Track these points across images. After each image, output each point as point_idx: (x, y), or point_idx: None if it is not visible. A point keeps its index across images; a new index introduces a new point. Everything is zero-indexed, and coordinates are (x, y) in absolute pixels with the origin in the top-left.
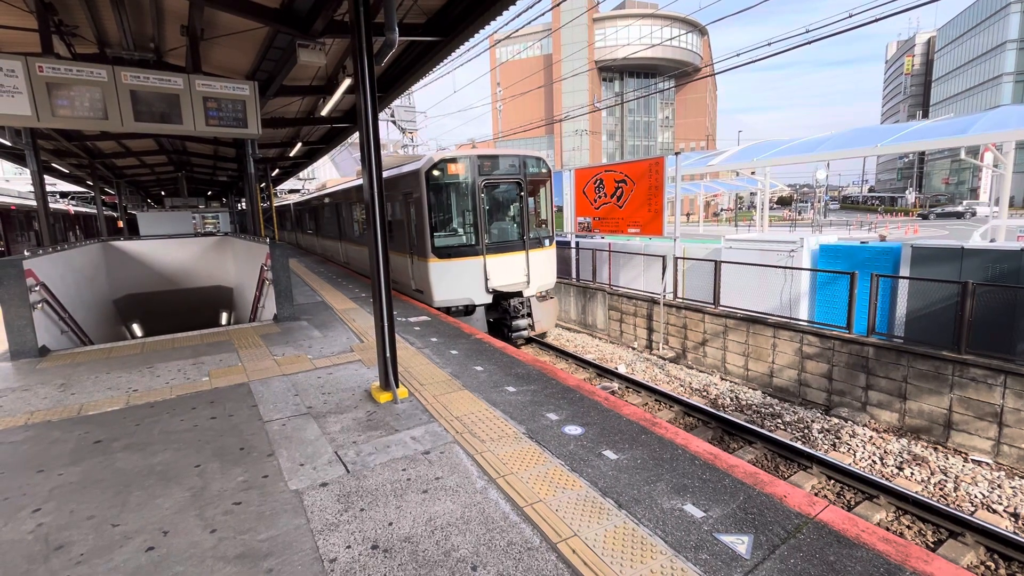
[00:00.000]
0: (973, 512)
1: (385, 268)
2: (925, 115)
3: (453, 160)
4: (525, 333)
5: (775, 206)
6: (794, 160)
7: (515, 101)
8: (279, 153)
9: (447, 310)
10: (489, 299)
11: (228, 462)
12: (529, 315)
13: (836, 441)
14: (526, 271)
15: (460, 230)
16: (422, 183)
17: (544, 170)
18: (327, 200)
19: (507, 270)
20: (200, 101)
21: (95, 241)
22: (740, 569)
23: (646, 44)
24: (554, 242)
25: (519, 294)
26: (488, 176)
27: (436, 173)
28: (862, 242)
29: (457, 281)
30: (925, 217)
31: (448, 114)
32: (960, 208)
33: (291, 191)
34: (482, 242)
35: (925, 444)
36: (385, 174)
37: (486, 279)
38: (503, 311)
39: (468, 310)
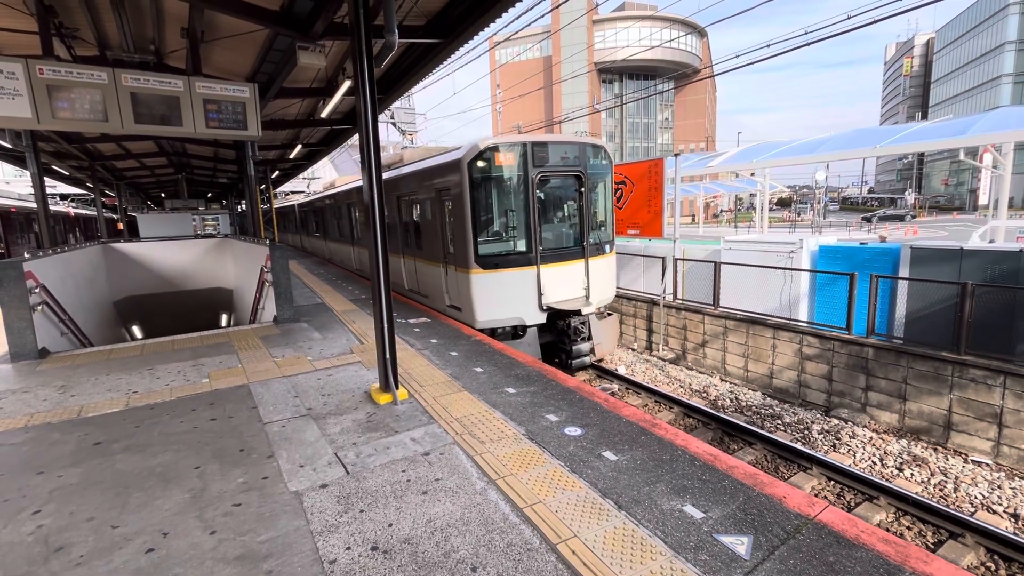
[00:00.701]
0: (973, 513)
1: (385, 269)
2: (924, 116)
3: (503, 148)
4: (588, 359)
5: (775, 207)
6: (793, 161)
7: (515, 103)
8: (279, 155)
9: (491, 332)
10: (543, 318)
11: (228, 463)
12: (589, 337)
13: (836, 442)
14: (586, 283)
15: (509, 234)
16: (464, 176)
17: (605, 161)
18: (337, 200)
19: (564, 283)
20: (200, 103)
21: (95, 243)
22: (740, 570)
23: (645, 46)
24: (614, 248)
25: (577, 312)
26: (543, 168)
27: (481, 164)
28: (861, 243)
29: (505, 297)
30: (868, 220)
31: (448, 116)
32: (902, 212)
33: (291, 192)
34: (536, 249)
35: (925, 445)
36: (414, 167)
37: (540, 294)
38: (558, 333)
39: (516, 332)
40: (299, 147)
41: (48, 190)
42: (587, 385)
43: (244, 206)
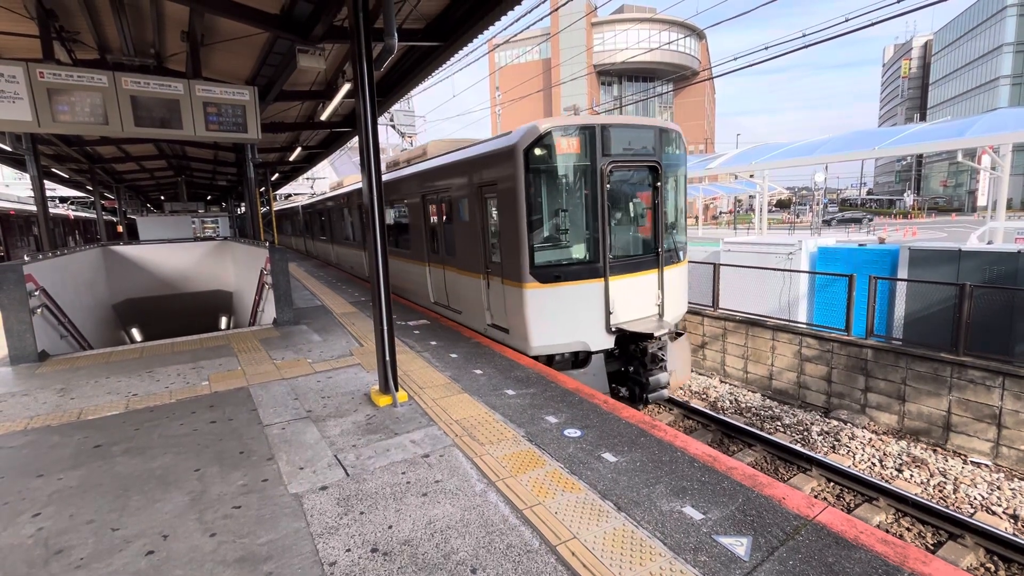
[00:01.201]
0: (973, 514)
1: (384, 272)
2: (923, 118)
3: (568, 131)
4: (666, 392)
5: (774, 209)
6: (792, 163)
7: (514, 105)
8: (279, 157)
9: (548, 359)
10: (610, 342)
11: (228, 466)
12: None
13: (836, 443)
14: (660, 298)
15: (572, 239)
16: (518, 168)
17: (679, 150)
18: (346, 201)
19: (635, 298)
20: (200, 106)
21: (95, 246)
22: (739, 571)
23: (644, 48)
24: (687, 255)
25: (648, 335)
26: (615, 157)
27: (539, 152)
28: (860, 244)
29: (566, 316)
30: (828, 223)
31: (447, 118)
32: (858, 215)
33: (292, 195)
34: (604, 257)
35: (924, 446)
36: (446, 160)
37: (608, 312)
38: (627, 359)
39: (578, 359)
40: (299, 149)
41: (48, 193)
42: (586, 387)
43: (244, 208)
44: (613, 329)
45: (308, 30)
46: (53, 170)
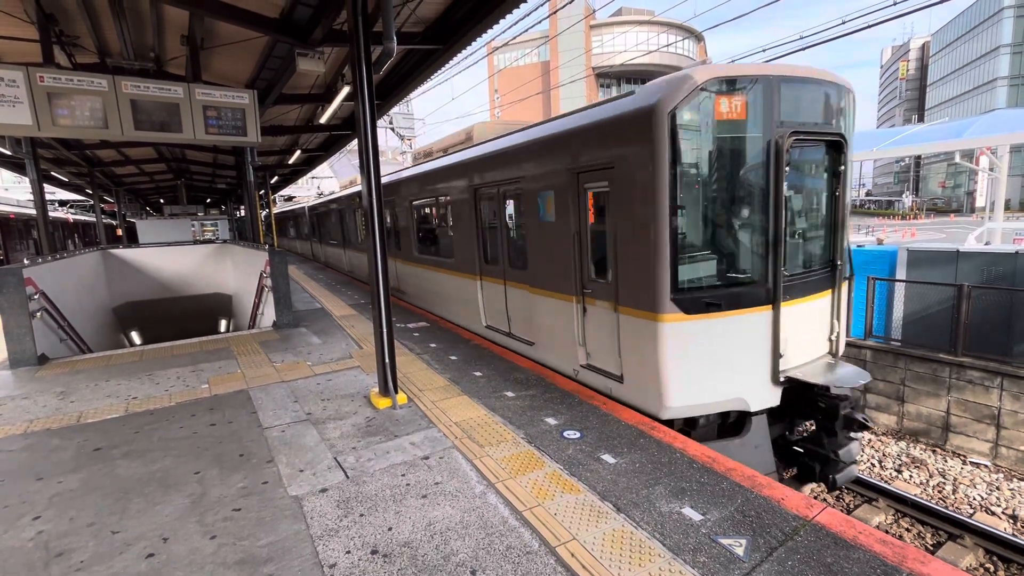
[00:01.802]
0: (972, 514)
1: (384, 273)
2: (921, 119)
3: (734, 85)
4: (856, 469)
5: None
6: None
7: (513, 108)
8: (278, 160)
9: (687, 425)
10: (776, 397)
11: (228, 469)
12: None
13: None
14: (834, 331)
15: (732, 249)
16: (660, 139)
17: (853, 122)
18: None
19: (807, 332)
20: (200, 110)
21: (94, 249)
22: (738, 571)
23: (643, 51)
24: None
25: (816, 387)
26: (794, 127)
27: (692, 116)
28: (858, 245)
29: (719, 362)
30: None
31: (447, 121)
32: None
33: (291, 197)
34: (777, 274)
35: (923, 447)
36: (518, 139)
37: (776, 354)
38: (791, 418)
39: (728, 422)
40: (298, 152)
41: (47, 196)
42: (586, 388)
43: (243, 211)
44: (782, 379)
45: (307, 34)
46: (53, 173)
